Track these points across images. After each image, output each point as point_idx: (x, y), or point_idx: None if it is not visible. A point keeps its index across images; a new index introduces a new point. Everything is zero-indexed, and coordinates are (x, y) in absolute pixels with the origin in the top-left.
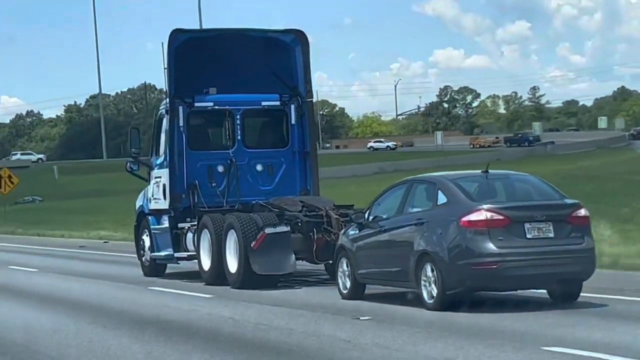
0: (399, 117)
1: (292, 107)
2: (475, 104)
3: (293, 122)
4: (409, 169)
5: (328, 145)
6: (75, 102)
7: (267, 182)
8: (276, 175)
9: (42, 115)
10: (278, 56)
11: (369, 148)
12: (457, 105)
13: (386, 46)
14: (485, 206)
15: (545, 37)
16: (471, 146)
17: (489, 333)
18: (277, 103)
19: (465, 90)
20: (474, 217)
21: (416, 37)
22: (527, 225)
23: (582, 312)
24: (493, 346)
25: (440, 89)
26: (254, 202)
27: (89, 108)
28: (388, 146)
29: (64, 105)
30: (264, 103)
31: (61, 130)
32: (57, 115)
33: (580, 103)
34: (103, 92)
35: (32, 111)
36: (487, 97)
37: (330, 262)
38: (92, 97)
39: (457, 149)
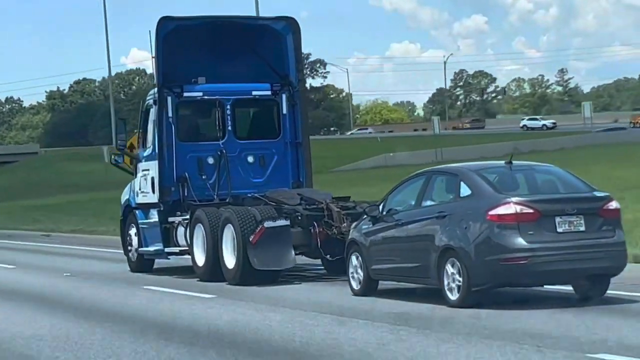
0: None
1: (284, 96)
2: (490, 88)
3: (285, 112)
4: (550, 148)
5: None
6: (58, 87)
7: (258, 174)
8: (268, 167)
9: (22, 101)
10: (269, 44)
11: (522, 127)
12: (472, 90)
13: (343, 40)
14: (514, 199)
15: (501, 31)
16: (631, 125)
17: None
18: (268, 92)
19: (481, 74)
20: (502, 210)
21: (373, 31)
22: (557, 219)
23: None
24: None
25: (455, 72)
26: (248, 194)
27: (73, 94)
28: (544, 125)
29: (46, 92)
30: (254, 93)
31: (44, 118)
32: (37, 102)
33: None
34: (87, 77)
35: (11, 97)
36: (512, 81)
37: (329, 256)
38: (77, 82)
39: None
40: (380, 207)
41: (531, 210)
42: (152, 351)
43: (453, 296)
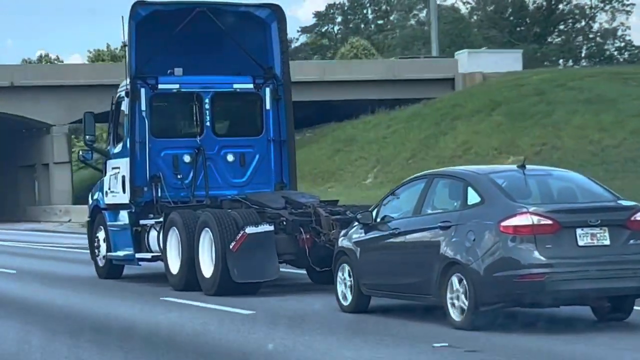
0: None
1: (267, 90)
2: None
3: (268, 107)
4: None
5: None
6: (108, 45)
7: (239, 174)
8: (249, 167)
9: (62, 62)
10: (252, 34)
11: None
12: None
13: None
14: (531, 209)
15: None
16: None
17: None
18: (251, 86)
19: None
20: (517, 221)
21: None
22: (579, 231)
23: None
24: None
25: None
26: (229, 196)
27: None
28: None
29: (89, 52)
30: (235, 86)
31: None
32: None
33: None
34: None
35: (47, 55)
36: None
37: (317, 267)
38: None
39: None
40: (374, 213)
41: (550, 222)
42: None
43: (458, 317)
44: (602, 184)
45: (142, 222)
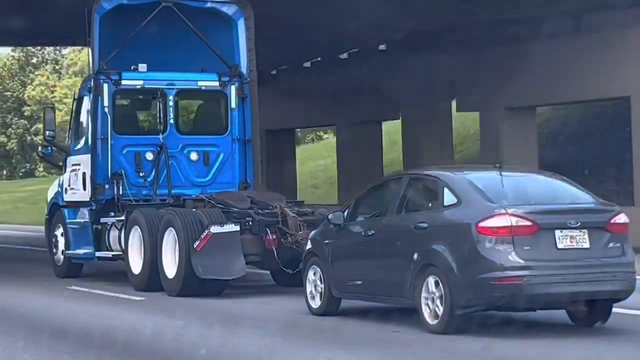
0: None
1: (233, 88)
2: None
3: (233, 105)
4: None
5: None
6: None
7: (202, 173)
8: (213, 166)
9: None
10: (218, 30)
11: None
12: None
13: None
14: (509, 209)
15: None
16: None
17: None
18: (216, 84)
19: None
20: (495, 222)
21: None
22: (558, 233)
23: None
24: None
25: None
26: (194, 195)
27: None
28: None
29: None
30: (200, 83)
31: None
32: None
33: None
34: None
35: None
36: None
37: (289, 269)
38: None
39: None
40: (345, 213)
41: (528, 223)
42: None
43: (432, 320)
44: (580, 186)
45: (102, 220)
